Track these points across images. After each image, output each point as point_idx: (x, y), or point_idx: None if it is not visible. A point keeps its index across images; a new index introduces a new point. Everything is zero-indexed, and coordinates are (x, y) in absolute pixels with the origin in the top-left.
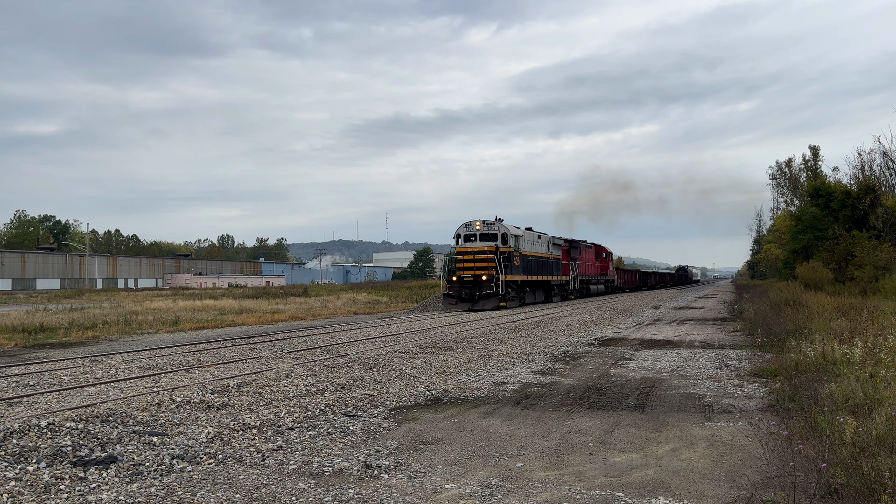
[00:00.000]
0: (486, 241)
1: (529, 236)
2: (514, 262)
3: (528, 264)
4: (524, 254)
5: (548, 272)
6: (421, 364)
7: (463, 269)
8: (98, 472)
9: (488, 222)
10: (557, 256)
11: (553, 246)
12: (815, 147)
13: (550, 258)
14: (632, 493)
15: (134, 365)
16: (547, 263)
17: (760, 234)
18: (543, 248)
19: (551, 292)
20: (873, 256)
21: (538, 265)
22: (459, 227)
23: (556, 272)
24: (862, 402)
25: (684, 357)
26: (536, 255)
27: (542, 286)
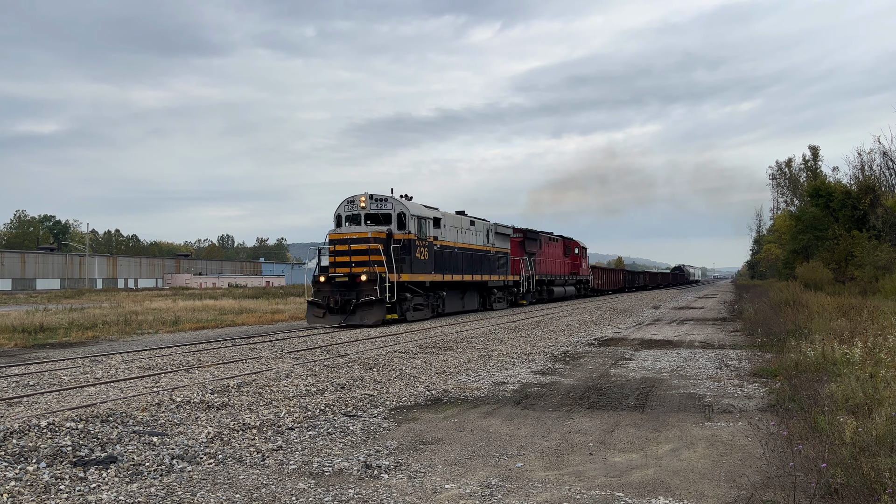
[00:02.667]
0: (374, 224)
1: (452, 221)
2: (418, 255)
3: (447, 259)
4: (442, 244)
5: (486, 270)
6: (421, 364)
7: (335, 264)
8: (98, 472)
9: (379, 197)
10: (503, 250)
11: (496, 236)
12: (815, 147)
13: (491, 252)
14: (632, 493)
15: (134, 365)
16: (484, 259)
17: (760, 234)
18: (478, 239)
19: (490, 296)
20: (873, 256)
21: (468, 261)
22: (340, 204)
23: (499, 270)
24: (862, 402)
25: (684, 357)
26: (465, 247)
27: (476, 289)
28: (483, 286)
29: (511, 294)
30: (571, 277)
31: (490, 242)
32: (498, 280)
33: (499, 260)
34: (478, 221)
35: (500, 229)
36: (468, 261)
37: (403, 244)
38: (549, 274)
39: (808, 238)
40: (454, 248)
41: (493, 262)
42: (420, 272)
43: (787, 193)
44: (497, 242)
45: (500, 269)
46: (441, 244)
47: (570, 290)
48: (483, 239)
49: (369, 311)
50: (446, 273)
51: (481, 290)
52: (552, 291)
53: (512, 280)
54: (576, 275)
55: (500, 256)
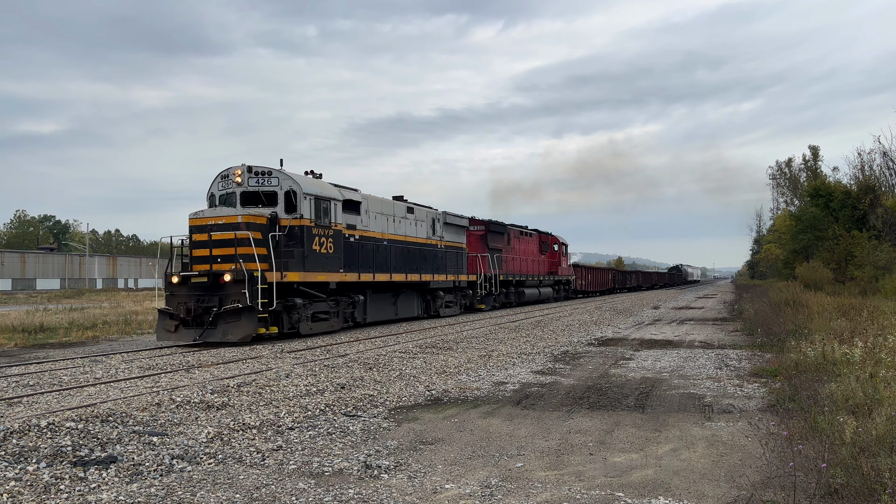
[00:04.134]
0: (253, 205)
1: (379, 206)
2: (317, 248)
3: (369, 253)
4: (362, 235)
5: (430, 268)
6: (421, 364)
7: (194, 259)
8: (98, 472)
9: (260, 170)
10: (456, 244)
11: (446, 228)
12: (815, 147)
13: (439, 247)
14: (632, 493)
15: (134, 365)
16: (428, 254)
17: (760, 234)
18: (419, 230)
19: (436, 300)
20: (873, 256)
21: (403, 256)
22: (214, 180)
23: (449, 268)
24: (862, 402)
25: (684, 357)
26: (400, 240)
27: (416, 291)
28: (424, 287)
29: (465, 297)
30: (548, 277)
31: (437, 235)
32: (446, 280)
33: (449, 256)
34: (419, 209)
35: (451, 219)
36: (403, 256)
37: (292, 232)
38: (520, 273)
39: (808, 238)
40: (382, 241)
41: (440, 258)
42: (319, 270)
43: (787, 193)
44: (448, 235)
45: (450, 267)
46: (361, 234)
47: (547, 291)
48: (427, 230)
49: (234, 324)
50: (366, 271)
51: (423, 292)
52: (522, 293)
53: (467, 280)
54: (553, 274)
55: (452, 252)
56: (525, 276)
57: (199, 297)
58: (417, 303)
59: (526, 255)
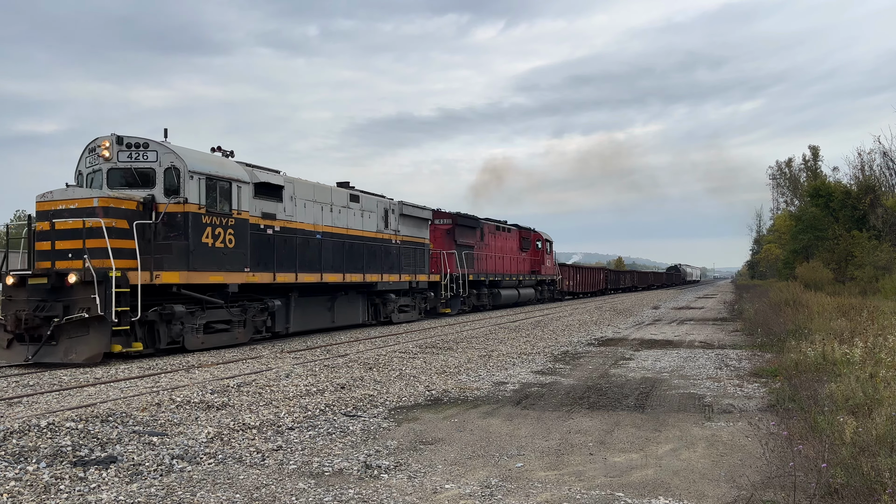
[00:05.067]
0: (126, 186)
1: (308, 192)
2: (208, 241)
3: (294, 249)
4: (284, 226)
5: (379, 266)
6: (421, 364)
7: (39, 254)
8: (98, 472)
9: (134, 142)
10: (415, 240)
11: (402, 220)
12: (815, 147)
13: (392, 242)
14: (632, 493)
15: (134, 365)
16: (378, 251)
17: (760, 234)
18: (367, 222)
19: (386, 305)
20: (873, 256)
21: (344, 253)
22: (82, 154)
23: (406, 267)
24: (862, 402)
25: (684, 357)
26: (340, 233)
27: (361, 293)
28: (371, 289)
29: (426, 300)
30: (530, 277)
31: (391, 228)
32: (400, 281)
33: (406, 253)
34: (367, 197)
35: (409, 211)
36: (343, 253)
37: (172, 221)
38: (496, 273)
39: (808, 238)
40: (314, 234)
41: (394, 255)
42: (212, 268)
43: (787, 193)
44: (405, 229)
45: (407, 266)
46: (283, 226)
47: (527, 292)
48: (377, 223)
49: (80, 339)
50: (287, 270)
51: (371, 295)
52: (497, 295)
53: (428, 280)
54: (536, 274)
55: (410, 248)
56: (501, 276)
57: (39, 303)
58: (363, 308)
59: (503, 252)
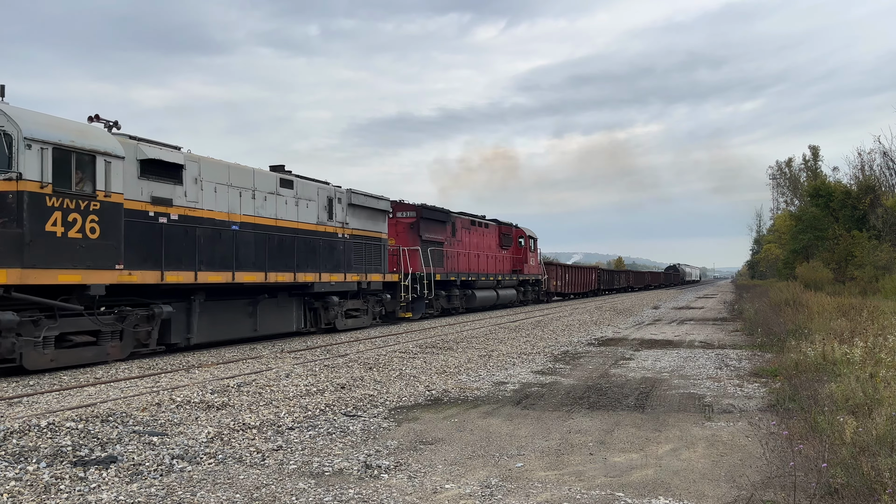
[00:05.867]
0: None
1: (223, 174)
2: (58, 229)
3: (198, 241)
4: (181, 214)
5: (319, 264)
6: (421, 364)
7: None
8: (98, 472)
9: None
10: (371, 234)
11: (352, 211)
12: (815, 147)
13: (338, 236)
14: (632, 493)
15: (134, 364)
16: (319, 245)
17: (760, 234)
18: (305, 212)
19: (328, 309)
20: (873, 256)
21: (270, 247)
22: None
23: (355, 265)
24: (862, 402)
25: (684, 357)
26: (261, 224)
27: (295, 296)
28: (306, 290)
29: (380, 303)
30: (510, 277)
31: (337, 220)
32: (345, 281)
33: (355, 249)
34: (303, 184)
35: (360, 200)
36: (269, 248)
37: (1, 203)
38: (470, 272)
39: (809, 238)
40: (229, 225)
41: (340, 251)
42: (64, 264)
43: (787, 193)
44: (356, 221)
45: (358, 264)
46: (184, 214)
47: (508, 293)
48: (317, 213)
49: None
50: (184, 267)
51: (308, 297)
52: (472, 297)
53: (382, 280)
54: (518, 273)
55: (362, 244)
56: (476, 276)
57: None
58: (297, 313)
59: (479, 249)
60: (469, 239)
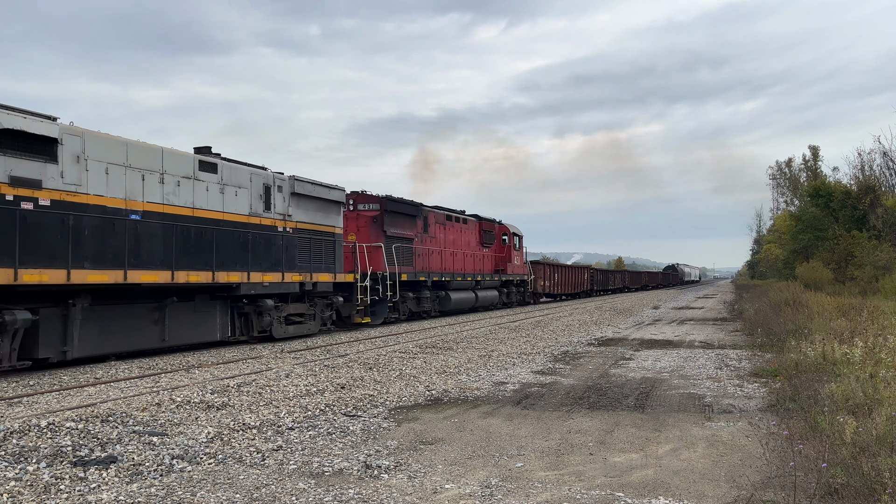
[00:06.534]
0: None
1: (120, 153)
2: None
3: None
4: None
5: (251, 262)
6: (421, 364)
7: None
8: (98, 472)
9: None
10: (320, 228)
11: (294, 200)
12: (815, 147)
13: (277, 230)
14: (632, 493)
15: (134, 364)
16: (252, 240)
17: (760, 234)
18: (229, 201)
19: (261, 315)
20: (873, 256)
21: (185, 241)
22: None
23: (300, 263)
24: (862, 402)
25: (684, 357)
26: (172, 214)
27: (212, 298)
28: (232, 293)
29: (331, 307)
30: (492, 277)
31: (276, 211)
32: (284, 282)
33: (301, 245)
34: (231, 168)
35: (305, 189)
36: (181, 242)
37: None
38: (444, 271)
39: (808, 238)
40: (126, 214)
41: (279, 247)
42: None
43: (787, 193)
44: (300, 213)
45: (303, 262)
46: (57, 199)
47: (489, 295)
48: (250, 203)
49: None
50: (55, 265)
51: (239, 300)
52: (446, 299)
53: (333, 281)
54: (501, 273)
55: (309, 239)
56: (451, 275)
57: None
58: (223, 319)
59: (457, 246)
60: (444, 235)
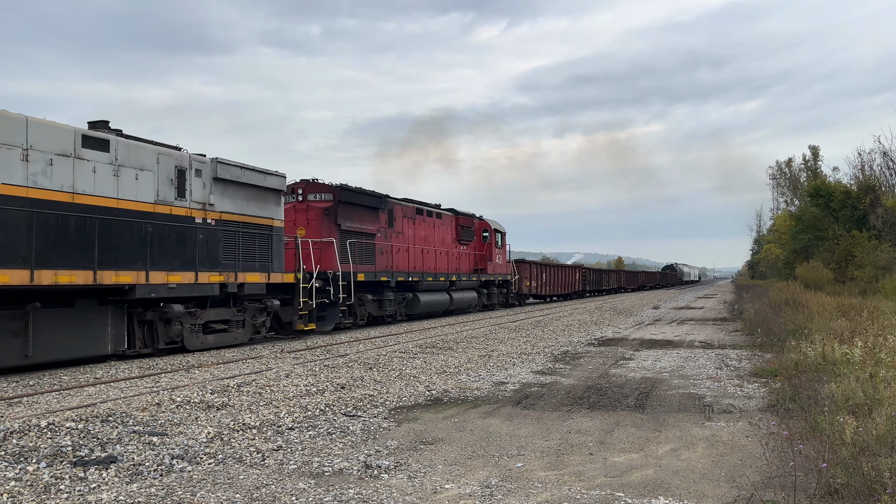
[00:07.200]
0: None
1: None
2: None
3: None
4: None
5: (144, 259)
6: (421, 364)
7: None
8: (98, 472)
9: None
10: (252, 220)
11: (218, 187)
12: (815, 147)
13: (196, 221)
14: (632, 493)
15: (134, 364)
16: (155, 233)
17: (760, 234)
18: (127, 185)
19: (169, 324)
20: (873, 256)
21: (34, 231)
22: None
23: (225, 261)
24: (862, 402)
25: (684, 357)
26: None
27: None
28: (123, 296)
29: (265, 311)
30: (470, 278)
31: (193, 199)
32: (198, 283)
33: (227, 239)
34: (135, 146)
35: (231, 174)
36: (55, 234)
37: None
38: (412, 270)
39: (809, 238)
40: None
41: (197, 242)
42: None
43: (787, 193)
44: (227, 202)
45: (228, 259)
46: None
47: (466, 297)
48: (156, 188)
49: None
50: None
51: (134, 304)
52: (416, 301)
53: (265, 282)
54: (481, 272)
55: (237, 233)
56: (421, 275)
57: None
58: (116, 328)
59: (428, 243)
60: (414, 231)
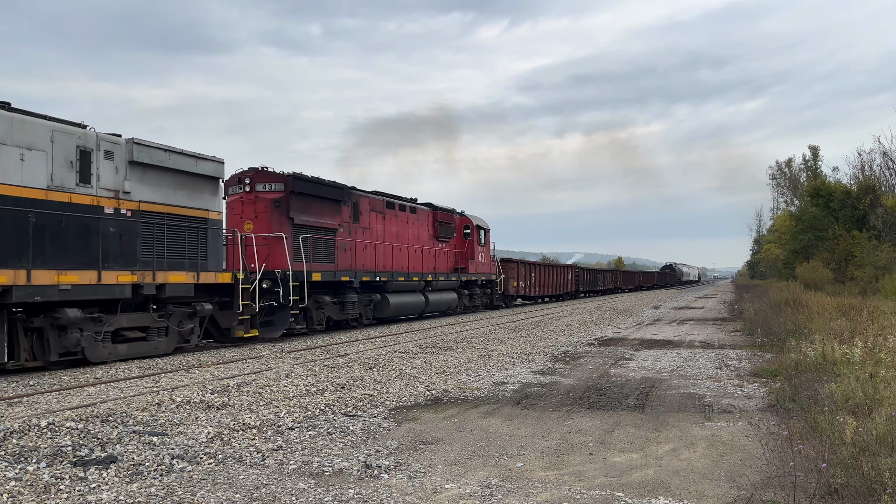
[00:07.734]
0: None
1: None
2: None
3: None
4: None
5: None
6: (421, 364)
7: None
8: (98, 472)
9: None
10: (181, 211)
11: (133, 171)
12: (815, 147)
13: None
14: (632, 493)
15: (134, 364)
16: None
17: (760, 234)
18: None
19: (65, 330)
20: (873, 256)
21: None
22: None
23: (143, 258)
24: (862, 402)
25: (684, 357)
26: None
27: None
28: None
29: (194, 316)
30: (449, 277)
31: (101, 185)
32: (101, 284)
33: (146, 233)
34: (20, 121)
35: (153, 157)
36: None
37: None
38: (380, 269)
39: (808, 238)
40: None
41: (105, 236)
42: None
43: (787, 193)
44: (148, 191)
45: (147, 257)
46: None
47: (444, 298)
48: (52, 172)
49: None
50: None
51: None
52: (384, 303)
53: (193, 283)
54: (462, 272)
55: (159, 226)
56: (390, 275)
57: None
58: None
59: (401, 240)
60: (384, 227)
